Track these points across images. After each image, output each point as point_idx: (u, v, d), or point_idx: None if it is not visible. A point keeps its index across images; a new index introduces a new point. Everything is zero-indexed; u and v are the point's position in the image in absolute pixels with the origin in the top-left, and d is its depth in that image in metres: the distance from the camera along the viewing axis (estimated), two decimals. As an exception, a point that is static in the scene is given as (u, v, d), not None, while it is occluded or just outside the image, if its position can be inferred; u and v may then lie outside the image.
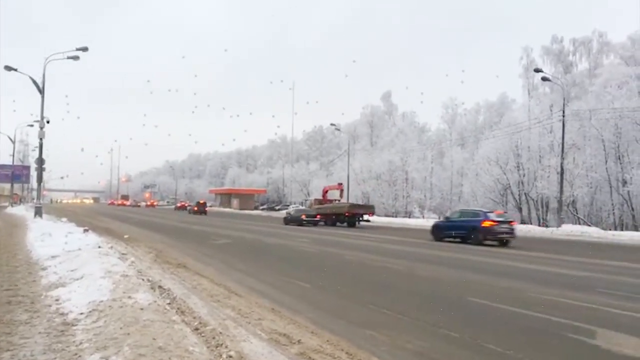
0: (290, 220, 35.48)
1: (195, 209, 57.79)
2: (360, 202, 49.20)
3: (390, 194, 57.51)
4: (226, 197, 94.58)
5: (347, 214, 35.24)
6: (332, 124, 65.48)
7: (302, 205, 44.53)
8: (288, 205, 68.58)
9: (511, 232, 20.67)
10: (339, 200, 42.47)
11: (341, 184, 48.68)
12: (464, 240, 21.00)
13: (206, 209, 59.16)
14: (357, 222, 35.75)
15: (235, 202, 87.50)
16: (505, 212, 25.77)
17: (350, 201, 45.74)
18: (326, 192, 46.74)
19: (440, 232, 22.74)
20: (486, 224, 20.35)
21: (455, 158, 59.02)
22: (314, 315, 6.87)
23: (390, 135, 66.91)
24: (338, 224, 35.41)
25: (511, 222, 21.32)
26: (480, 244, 19.72)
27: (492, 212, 21.50)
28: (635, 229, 35.81)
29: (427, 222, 33.42)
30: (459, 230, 21.70)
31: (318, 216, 35.71)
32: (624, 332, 5.98)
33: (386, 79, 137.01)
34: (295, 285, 9.50)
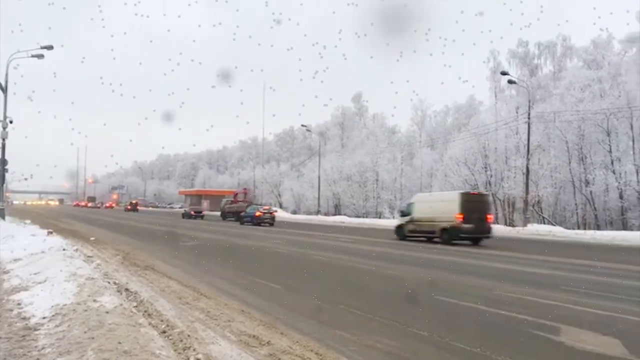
0: (184, 215, 49.98)
1: (129, 207, 73.36)
2: (332, 203, 56.26)
3: (361, 194, 57.92)
4: (196, 198, 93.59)
5: (241, 212, 41.08)
6: (303, 125, 65.60)
7: (226, 205, 51.25)
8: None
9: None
10: (243, 201, 51.60)
11: (246, 188, 63.69)
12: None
13: (138, 207, 75.48)
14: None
15: (205, 203, 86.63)
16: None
17: (320, 203, 50.29)
18: (236, 195, 56.64)
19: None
20: None
21: (424, 159, 59.81)
22: (284, 316, 6.85)
23: (361, 136, 67.34)
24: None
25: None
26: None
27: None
28: (598, 227, 36.88)
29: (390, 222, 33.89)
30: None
31: (203, 212, 51.80)
32: (586, 329, 6.14)
33: (357, 81, 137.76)
34: (266, 287, 9.46)
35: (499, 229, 34.13)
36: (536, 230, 31.38)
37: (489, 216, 21.79)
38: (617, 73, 39.53)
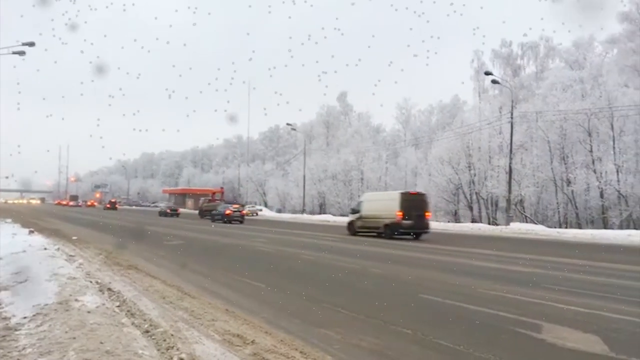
0: (160, 214, 51.46)
1: (108, 206, 76.23)
2: (317, 201, 58.68)
3: (346, 193, 58.10)
4: (180, 197, 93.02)
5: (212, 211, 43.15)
6: (288, 124, 65.55)
7: (204, 204, 52.33)
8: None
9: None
10: (219, 200, 53.70)
11: (222, 188, 69.08)
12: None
13: (116, 205, 78.22)
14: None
15: (189, 202, 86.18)
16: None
17: (306, 201, 51.32)
18: (214, 194, 60.03)
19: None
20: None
21: (409, 158, 60.12)
22: (268, 315, 6.84)
23: (346, 135, 67.49)
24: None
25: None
26: None
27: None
28: (579, 226, 37.42)
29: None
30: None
31: (178, 211, 53.32)
32: (567, 326, 6.22)
33: (342, 79, 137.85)
34: (249, 285, 9.44)
35: (482, 228, 34.61)
36: (518, 228, 31.73)
37: (427, 213, 23.64)
38: (598, 74, 40.05)
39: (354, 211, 26.23)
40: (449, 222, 44.84)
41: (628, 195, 35.50)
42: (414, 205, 22.82)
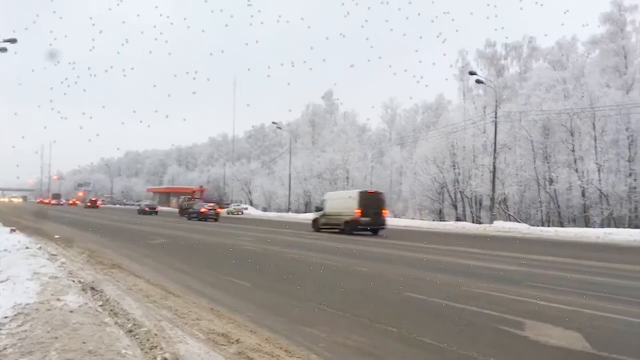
0: (139, 212, 52.88)
1: (89, 204, 75.87)
2: (302, 200, 60.12)
3: (332, 192, 58.03)
4: (165, 196, 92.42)
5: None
6: (274, 123, 65.43)
7: (184, 202, 53.90)
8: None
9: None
10: (199, 199, 54.34)
11: (202, 187, 68.54)
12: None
13: (98, 204, 77.94)
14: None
15: (174, 201, 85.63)
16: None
17: (291, 200, 52.89)
18: (194, 193, 60.69)
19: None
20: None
21: (394, 157, 60.40)
22: (254, 314, 6.82)
23: (332, 134, 67.50)
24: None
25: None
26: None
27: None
28: (561, 225, 37.89)
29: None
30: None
31: (157, 209, 55.15)
32: (550, 323, 6.29)
33: (329, 78, 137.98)
34: (235, 284, 9.40)
35: (466, 226, 34.88)
36: (502, 227, 32.05)
37: (384, 211, 25.11)
38: (581, 74, 40.58)
39: (318, 209, 28.20)
40: (434, 220, 45.14)
41: (609, 194, 36.04)
42: (372, 203, 24.34)
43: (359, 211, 23.90)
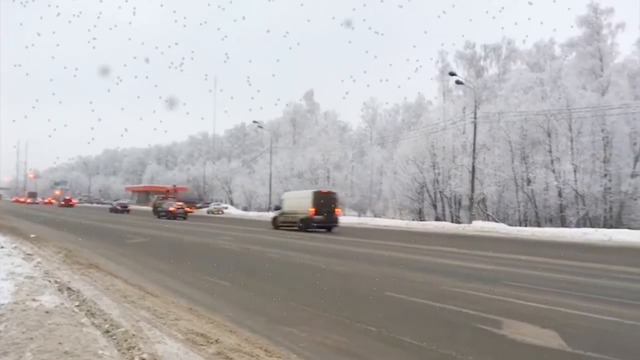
0: (111, 210, 54.96)
1: (63, 203, 74.79)
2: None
3: (312, 191, 58.00)
4: (143, 194, 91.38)
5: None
6: (254, 121, 65.18)
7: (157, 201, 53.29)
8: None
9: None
10: (172, 198, 54.92)
11: (174, 186, 73.61)
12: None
13: (72, 202, 77.24)
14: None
15: (153, 199, 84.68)
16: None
17: (272, 199, 53.26)
18: (167, 191, 63.40)
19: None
20: None
21: (375, 157, 60.62)
22: (233, 313, 6.78)
23: (313, 133, 67.47)
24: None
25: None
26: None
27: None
28: (538, 224, 38.47)
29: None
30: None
31: (128, 207, 56.80)
32: (527, 322, 6.38)
33: (310, 78, 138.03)
34: (214, 284, 9.34)
35: (445, 226, 35.20)
36: (481, 227, 32.41)
37: (336, 210, 26.79)
38: (558, 76, 41.19)
39: (277, 208, 29.97)
40: (413, 219, 45.46)
41: (585, 194, 36.69)
42: (325, 202, 26.02)
43: (313, 209, 25.59)
